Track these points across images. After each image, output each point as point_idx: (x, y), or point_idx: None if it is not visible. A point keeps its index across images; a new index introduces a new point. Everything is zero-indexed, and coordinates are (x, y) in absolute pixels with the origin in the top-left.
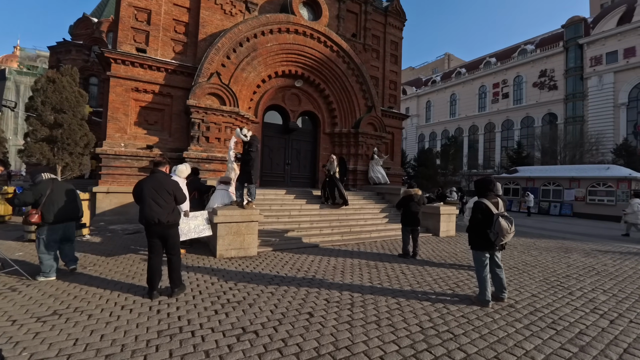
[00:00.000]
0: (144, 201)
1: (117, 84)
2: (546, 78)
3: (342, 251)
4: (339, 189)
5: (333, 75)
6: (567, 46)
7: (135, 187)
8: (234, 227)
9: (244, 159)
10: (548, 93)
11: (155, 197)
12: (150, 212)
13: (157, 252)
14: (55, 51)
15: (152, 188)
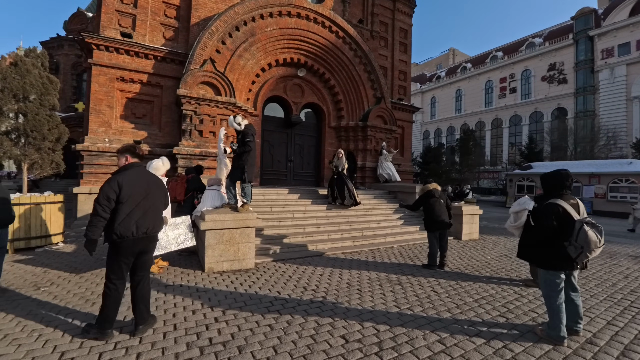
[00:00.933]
0: (131, 206)
1: (99, 73)
2: (555, 72)
3: (355, 261)
4: (348, 188)
5: (339, 64)
6: (576, 38)
7: (111, 184)
8: (225, 234)
9: (238, 152)
10: (557, 87)
11: (146, 201)
12: (143, 222)
13: (125, 277)
14: (47, 47)
15: (141, 187)
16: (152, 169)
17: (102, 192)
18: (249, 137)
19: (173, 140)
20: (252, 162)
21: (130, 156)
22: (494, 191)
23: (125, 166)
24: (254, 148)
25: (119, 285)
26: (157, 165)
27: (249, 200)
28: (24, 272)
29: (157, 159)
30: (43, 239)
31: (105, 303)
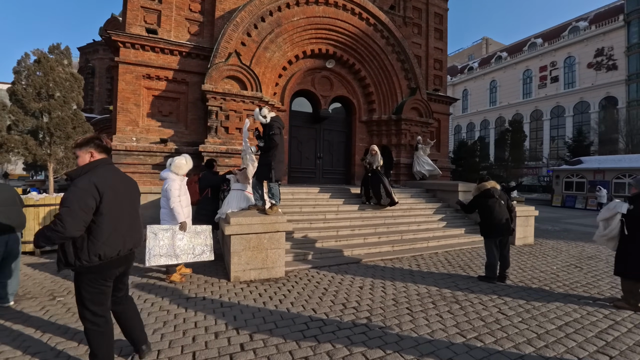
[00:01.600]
0: (117, 217)
1: (126, 71)
2: (603, 57)
3: (397, 270)
4: (385, 187)
5: (370, 53)
6: (628, 20)
7: (88, 188)
8: (252, 240)
9: (264, 147)
10: (606, 74)
11: (131, 208)
12: (131, 236)
13: (109, 304)
14: (84, 52)
15: (122, 192)
16: (175, 168)
17: (74, 199)
18: (275, 131)
19: (199, 138)
20: (280, 158)
21: (95, 151)
22: (535, 188)
23: (92, 164)
24: (280, 143)
25: (108, 316)
26: (179, 164)
27: (278, 201)
28: (44, 277)
29: (179, 157)
30: None
31: (98, 343)
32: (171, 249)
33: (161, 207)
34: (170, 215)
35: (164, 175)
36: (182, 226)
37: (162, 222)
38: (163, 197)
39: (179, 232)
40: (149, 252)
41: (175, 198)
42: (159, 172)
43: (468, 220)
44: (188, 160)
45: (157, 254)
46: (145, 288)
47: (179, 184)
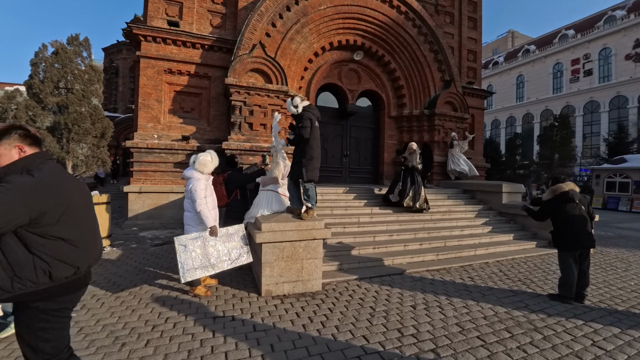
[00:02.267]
0: (76, 225)
1: (147, 66)
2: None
3: (449, 284)
4: (416, 189)
5: (400, 44)
6: None
7: (36, 189)
8: (287, 248)
9: (292, 141)
10: None
11: (89, 215)
12: (94, 247)
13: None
14: (108, 52)
15: (77, 194)
16: (199, 165)
17: (10, 202)
18: (304, 123)
19: (222, 135)
20: (312, 154)
21: (24, 144)
22: None
23: (29, 159)
24: (313, 136)
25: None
26: (204, 161)
27: (314, 204)
28: None
29: (203, 153)
30: None
31: None
32: (205, 258)
33: (185, 211)
34: (197, 219)
35: (188, 174)
36: (213, 231)
37: (186, 227)
38: (187, 199)
39: (210, 238)
40: (182, 266)
41: (202, 200)
42: (180, 170)
43: (514, 224)
44: (214, 157)
45: (191, 268)
46: (166, 303)
47: (205, 184)
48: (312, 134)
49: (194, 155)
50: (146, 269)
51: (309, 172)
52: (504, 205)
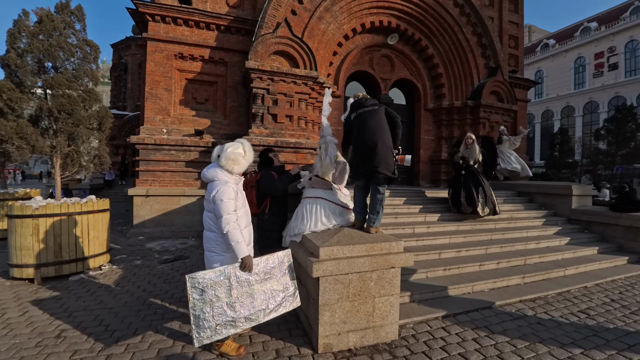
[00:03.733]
0: None
1: (156, 49)
2: None
3: (563, 324)
4: (485, 192)
5: (440, 26)
6: None
7: None
8: (353, 282)
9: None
10: None
11: None
12: None
13: None
14: (117, 48)
15: None
16: (227, 162)
17: None
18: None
19: (240, 129)
20: (358, 148)
21: None
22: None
23: None
24: (356, 130)
25: None
26: (233, 154)
27: (378, 218)
28: (34, 327)
29: (233, 143)
30: (79, 262)
31: None
32: (231, 308)
33: (205, 230)
34: (223, 244)
35: (210, 174)
36: (246, 264)
37: (208, 255)
38: (207, 211)
39: (241, 276)
40: (198, 322)
41: (231, 214)
42: (194, 170)
43: (591, 234)
44: (248, 149)
45: (211, 325)
46: None
47: (235, 190)
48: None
49: (218, 146)
50: (151, 302)
51: (355, 169)
52: (575, 211)
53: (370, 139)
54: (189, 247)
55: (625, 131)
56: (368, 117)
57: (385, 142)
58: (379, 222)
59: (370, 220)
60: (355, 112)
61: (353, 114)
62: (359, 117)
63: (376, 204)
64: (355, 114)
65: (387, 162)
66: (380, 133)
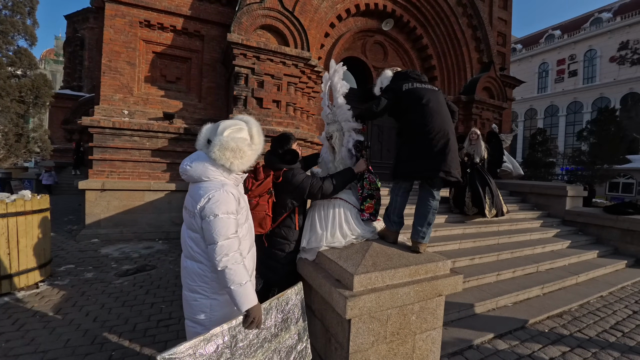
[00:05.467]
0: None
1: (116, 13)
2: (628, 51)
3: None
4: (492, 192)
5: (436, 15)
6: None
7: None
8: (392, 317)
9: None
10: (630, 69)
11: None
12: None
13: None
14: (72, 20)
15: None
16: (224, 152)
17: None
18: (382, 95)
19: (218, 114)
20: (417, 137)
21: None
22: None
23: None
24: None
25: None
26: (235, 143)
27: (428, 234)
28: None
29: (231, 123)
30: (4, 281)
31: None
32: None
33: (184, 257)
34: (215, 283)
35: (196, 171)
36: (255, 319)
37: (190, 302)
38: (189, 229)
39: (246, 336)
40: None
41: (232, 241)
42: (161, 160)
43: (586, 236)
44: (256, 133)
45: None
46: None
47: (237, 197)
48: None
49: (207, 126)
50: (105, 338)
51: (400, 170)
52: (569, 212)
53: (441, 128)
54: (156, 253)
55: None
56: (432, 98)
57: (455, 136)
58: (429, 237)
59: (419, 235)
60: (409, 84)
61: (406, 84)
62: (418, 93)
63: (428, 212)
64: (408, 87)
65: (458, 162)
66: (450, 123)
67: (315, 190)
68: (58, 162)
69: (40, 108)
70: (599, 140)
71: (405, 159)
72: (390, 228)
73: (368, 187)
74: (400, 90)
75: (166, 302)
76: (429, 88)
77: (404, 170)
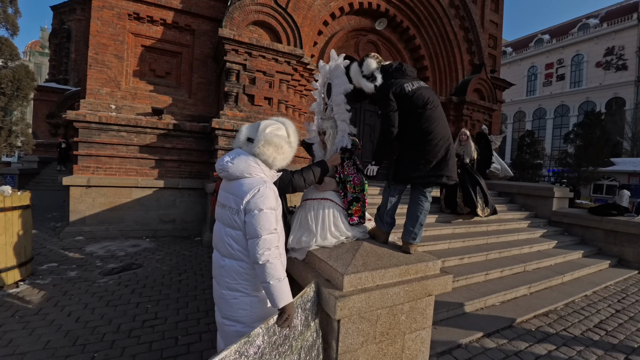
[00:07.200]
0: None
1: (104, 4)
2: (613, 57)
3: (592, 347)
4: (483, 191)
5: (429, 16)
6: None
7: None
8: (382, 317)
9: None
10: (615, 74)
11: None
12: None
13: None
14: (58, 11)
15: None
16: (268, 149)
17: None
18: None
19: (209, 110)
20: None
21: None
22: None
23: None
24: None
25: None
26: (277, 140)
27: (419, 235)
28: None
29: (271, 122)
30: None
31: None
32: None
33: (221, 256)
34: (253, 278)
35: (239, 167)
36: (289, 317)
37: (230, 301)
38: (229, 227)
39: (279, 333)
40: None
41: (274, 236)
42: (149, 156)
43: (571, 236)
44: (292, 132)
45: None
46: None
47: (277, 195)
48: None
49: (246, 126)
50: (87, 340)
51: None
52: (556, 213)
53: (443, 134)
54: (143, 251)
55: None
56: (434, 102)
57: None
58: (420, 238)
59: (410, 236)
60: (410, 85)
61: (408, 85)
62: (421, 97)
63: (420, 214)
64: (411, 88)
65: (456, 165)
66: (448, 127)
67: (285, 184)
68: (42, 158)
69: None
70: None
71: (407, 163)
72: (382, 228)
73: (352, 191)
74: (403, 94)
75: (152, 302)
76: (428, 88)
77: (406, 175)
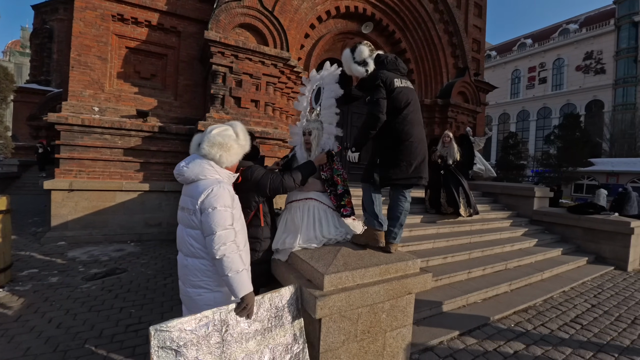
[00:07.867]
0: None
1: (87, 5)
2: (592, 61)
3: (568, 341)
4: (465, 192)
5: (414, 20)
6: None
7: None
8: (363, 317)
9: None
10: (594, 78)
11: None
12: None
13: None
14: (40, 11)
15: None
16: (215, 149)
17: None
18: (375, 93)
19: (195, 113)
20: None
21: None
22: None
23: None
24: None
25: None
26: (221, 139)
27: (398, 237)
28: None
29: (220, 126)
30: None
31: None
32: None
33: (184, 256)
34: (216, 274)
35: (194, 170)
36: (248, 306)
37: (194, 297)
38: (188, 227)
39: (238, 324)
40: None
41: (229, 231)
42: (134, 159)
43: (552, 235)
44: (241, 131)
45: None
46: None
47: (231, 193)
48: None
49: (197, 134)
50: (68, 346)
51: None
52: (537, 212)
53: (421, 137)
54: (127, 256)
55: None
56: (415, 104)
57: None
58: (400, 237)
59: (391, 236)
60: (399, 81)
61: (397, 81)
62: (405, 97)
63: (400, 214)
64: (398, 85)
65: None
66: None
67: (276, 185)
68: (23, 161)
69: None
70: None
71: (387, 164)
72: (380, 228)
73: (343, 184)
74: (392, 88)
75: (136, 306)
76: (412, 90)
77: (386, 175)
